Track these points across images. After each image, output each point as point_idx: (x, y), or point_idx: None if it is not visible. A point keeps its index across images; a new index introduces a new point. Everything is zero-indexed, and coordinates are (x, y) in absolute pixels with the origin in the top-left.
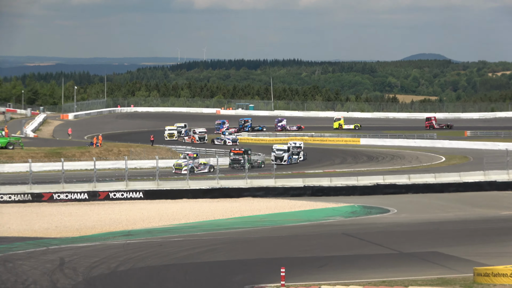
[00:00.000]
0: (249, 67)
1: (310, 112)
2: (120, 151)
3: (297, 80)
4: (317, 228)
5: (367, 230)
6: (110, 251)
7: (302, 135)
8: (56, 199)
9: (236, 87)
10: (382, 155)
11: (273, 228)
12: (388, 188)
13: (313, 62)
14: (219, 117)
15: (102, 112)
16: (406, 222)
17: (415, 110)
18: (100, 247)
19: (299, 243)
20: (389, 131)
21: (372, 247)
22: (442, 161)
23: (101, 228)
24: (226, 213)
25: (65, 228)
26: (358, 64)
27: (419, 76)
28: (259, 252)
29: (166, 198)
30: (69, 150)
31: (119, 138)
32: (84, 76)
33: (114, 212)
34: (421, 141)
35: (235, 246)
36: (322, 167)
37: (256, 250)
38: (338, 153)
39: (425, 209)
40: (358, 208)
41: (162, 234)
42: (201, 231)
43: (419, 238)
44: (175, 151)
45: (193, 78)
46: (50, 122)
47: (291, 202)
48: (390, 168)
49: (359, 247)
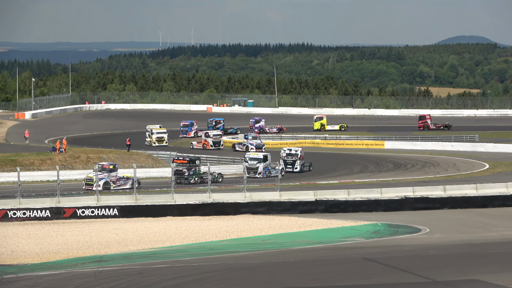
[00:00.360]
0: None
1: (323, 109)
2: (89, 158)
3: (306, 69)
4: (331, 251)
5: (392, 254)
6: (78, 281)
7: (313, 137)
8: (12, 217)
9: (232, 79)
10: (412, 162)
11: (278, 252)
12: (419, 202)
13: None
14: (189, 116)
15: (66, 110)
16: (441, 244)
17: (453, 106)
18: (66, 276)
19: (309, 270)
20: (420, 133)
21: (399, 275)
22: (485, 169)
23: (67, 253)
24: (220, 234)
25: (23, 253)
26: (383, 50)
27: (457, 64)
28: (260, 282)
29: (147, 215)
30: (26, 157)
31: (88, 142)
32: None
33: (83, 233)
34: (459, 145)
35: (231, 275)
36: (338, 177)
37: (256, 279)
38: (358, 159)
39: (464, 227)
40: (382, 227)
41: (141, 260)
42: (189, 256)
43: (456, 263)
44: (157, 157)
45: (178, 68)
46: (2, 122)
47: (300, 220)
48: (421, 178)
49: (383, 275)
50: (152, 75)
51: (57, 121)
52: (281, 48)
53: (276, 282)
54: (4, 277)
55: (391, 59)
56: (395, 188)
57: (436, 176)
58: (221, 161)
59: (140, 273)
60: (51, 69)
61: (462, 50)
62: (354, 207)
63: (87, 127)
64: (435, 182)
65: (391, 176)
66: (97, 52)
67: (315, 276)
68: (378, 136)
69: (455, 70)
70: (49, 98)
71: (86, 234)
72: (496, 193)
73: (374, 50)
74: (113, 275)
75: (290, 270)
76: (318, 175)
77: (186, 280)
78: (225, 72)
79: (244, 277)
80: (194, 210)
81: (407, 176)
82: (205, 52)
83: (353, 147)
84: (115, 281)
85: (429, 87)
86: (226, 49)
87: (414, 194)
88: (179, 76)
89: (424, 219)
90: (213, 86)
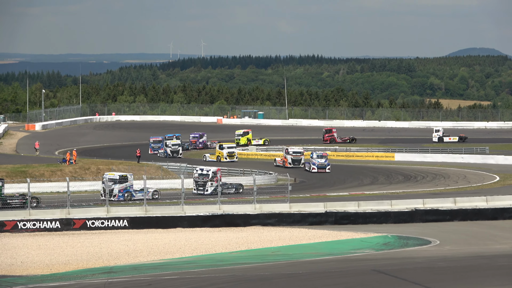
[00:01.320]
0: (258, 66)
1: (333, 121)
2: (99, 170)
3: (317, 81)
4: (341, 263)
5: (403, 266)
6: None
7: (323, 149)
8: (22, 228)
9: (242, 91)
10: (422, 174)
11: (287, 264)
12: (429, 214)
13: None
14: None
15: (76, 122)
16: (451, 256)
17: (463, 118)
18: (76, 287)
19: (320, 282)
20: (431, 145)
21: (409, 287)
22: (495, 181)
23: (76, 264)
24: (229, 246)
25: (33, 264)
26: (393, 62)
27: (467, 76)
28: None
29: (157, 227)
30: (36, 169)
31: (98, 153)
32: (54, 77)
33: (93, 244)
34: (469, 157)
35: (241, 286)
36: (348, 189)
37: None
38: (368, 171)
39: (474, 240)
40: (392, 239)
41: (151, 271)
42: (199, 268)
43: (467, 276)
44: (167, 169)
45: (188, 79)
46: (12, 134)
47: (310, 231)
48: (431, 190)
49: (393, 287)
50: (163, 87)
51: (67, 133)
52: (291, 60)
53: None
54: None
55: (402, 71)
56: (405, 200)
57: (446, 188)
58: (231, 173)
59: (150, 284)
60: (61, 81)
61: (472, 62)
62: (364, 219)
63: (97, 138)
64: (445, 194)
65: (401, 188)
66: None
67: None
68: (388, 148)
69: (465, 82)
70: (59, 110)
71: (96, 245)
72: (506, 205)
73: (384, 62)
74: (123, 286)
75: (300, 282)
76: (328, 187)
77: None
78: (235, 84)
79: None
80: (204, 221)
81: (417, 188)
82: (215, 63)
83: (363, 159)
84: None
85: (439, 99)
86: (236, 61)
87: (424, 206)
88: (189, 87)
89: (434, 231)
90: (223, 98)
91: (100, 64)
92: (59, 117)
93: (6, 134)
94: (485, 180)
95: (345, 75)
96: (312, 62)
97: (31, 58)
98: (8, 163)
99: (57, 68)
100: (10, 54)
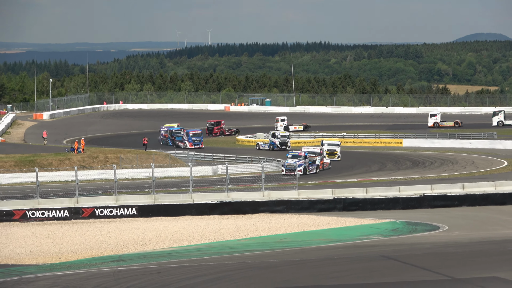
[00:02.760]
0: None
1: (341, 107)
2: (107, 158)
3: (324, 68)
4: (350, 250)
5: (411, 251)
6: (97, 281)
7: (331, 136)
8: (30, 217)
9: (249, 78)
10: (430, 160)
11: (296, 251)
12: (437, 200)
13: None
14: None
15: (84, 111)
16: (460, 241)
17: (471, 103)
18: (85, 276)
19: (328, 268)
20: (438, 130)
21: (418, 273)
22: (504, 166)
23: (85, 252)
24: (238, 233)
25: (42, 253)
26: (400, 48)
27: (475, 62)
28: (278, 281)
29: (165, 215)
30: (44, 158)
31: (106, 142)
32: (61, 66)
33: (102, 233)
34: (477, 142)
35: (250, 273)
36: (356, 175)
37: (275, 278)
38: (376, 158)
39: (483, 225)
40: (401, 225)
41: (160, 259)
42: (207, 255)
43: (476, 261)
44: (175, 157)
45: (195, 67)
46: (20, 123)
47: (318, 218)
48: (439, 176)
49: (402, 273)
50: (170, 75)
51: (75, 122)
52: (298, 47)
53: (295, 281)
54: (23, 277)
55: (409, 57)
56: (414, 186)
57: (454, 173)
58: (239, 160)
59: (159, 272)
60: (68, 70)
61: (479, 47)
62: (373, 205)
63: (105, 127)
64: (453, 180)
65: (409, 174)
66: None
67: (334, 275)
68: (396, 134)
69: (473, 67)
70: (67, 99)
71: (105, 233)
72: None
73: (391, 48)
74: (132, 275)
75: (308, 268)
76: (336, 173)
77: (204, 279)
78: (243, 71)
79: (262, 276)
80: (212, 209)
81: (425, 174)
82: (222, 51)
83: (371, 145)
84: (134, 280)
85: (447, 85)
86: (243, 49)
87: (433, 192)
88: (196, 75)
89: (442, 216)
90: (231, 85)
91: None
92: (66, 106)
93: (14, 124)
94: (493, 165)
95: (352, 62)
96: (319, 49)
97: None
98: (16, 152)
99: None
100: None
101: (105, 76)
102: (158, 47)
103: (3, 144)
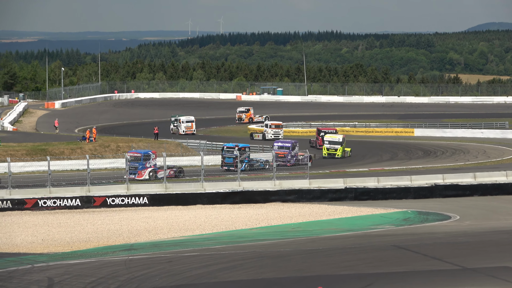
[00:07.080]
0: (277, 42)
1: (352, 97)
2: (119, 147)
3: (336, 57)
4: (361, 239)
5: (422, 241)
6: (108, 269)
7: (343, 125)
8: (42, 206)
9: (261, 67)
10: (441, 149)
11: (308, 240)
12: (449, 189)
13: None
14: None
15: (95, 99)
16: (471, 231)
17: (482, 93)
18: (97, 265)
19: (339, 257)
20: (450, 120)
21: (429, 262)
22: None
23: (97, 241)
24: (249, 222)
25: (54, 241)
26: (412, 37)
27: (487, 51)
28: (290, 269)
29: (177, 204)
30: (56, 147)
31: (117, 131)
32: (73, 55)
33: (113, 221)
34: (489, 132)
35: (261, 262)
36: (368, 165)
37: (286, 266)
38: (387, 147)
39: (494, 214)
40: (412, 215)
41: (171, 248)
42: (219, 244)
43: (487, 250)
44: (187, 146)
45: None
46: (32, 112)
47: (330, 207)
48: (451, 165)
49: (413, 262)
50: (181, 64)
51: (86, 110)
52: (310, 36)
53: (306, 270)
54: (35, 265)
55: (421, 47)
56: (425, 175)
57: (466, 163)
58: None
59: (170, 261)
60: (80, 59)
61: (491, 37)
62: (384, 195)
63: (117, 116)
64: (465, 169)
65: (421, 163)
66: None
67: (345, 264)
68: (407, 124)
69: (485, 57)
70: (79, 88)
71: (116, 222)
72: None
73: (403, 38)
74: (143, 264)
75: (320, 258)
76: (347, 162)
77: (216, 268)
78: (254, 60)
79: (274, 265)
80: (223, 198)
81: (437, 163)
82: (234, 40)
83: (382, 135)
84: (145, 269)
85: (458, 74)
86: (255, 38)
87: (444, 181)
88: (208, 64)
89: (454, 206)
90: (242, 74)
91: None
92: (78, 95)
93: (26, 112)
94: (505, 154)
95: (364, 51)
96: (331, 38)
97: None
98: (28, 141)
99: (76, 46)
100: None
101: (117, 65)
102: (170, 36)
103: (15, 133)
